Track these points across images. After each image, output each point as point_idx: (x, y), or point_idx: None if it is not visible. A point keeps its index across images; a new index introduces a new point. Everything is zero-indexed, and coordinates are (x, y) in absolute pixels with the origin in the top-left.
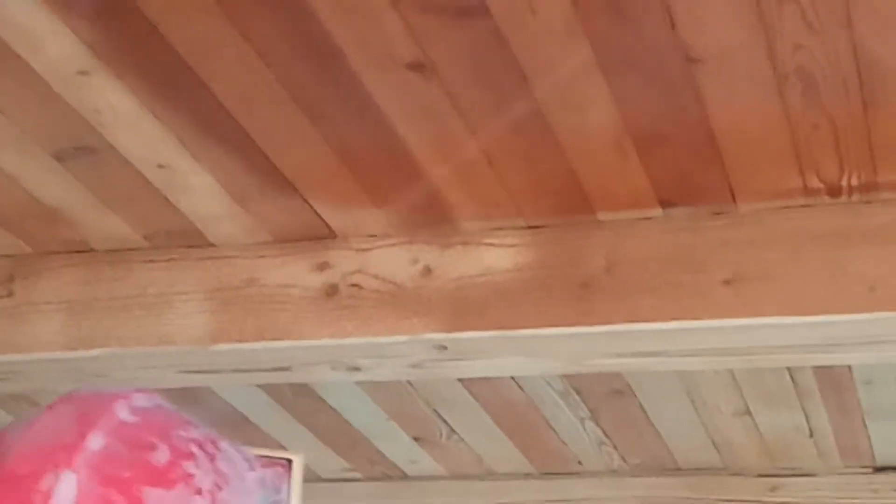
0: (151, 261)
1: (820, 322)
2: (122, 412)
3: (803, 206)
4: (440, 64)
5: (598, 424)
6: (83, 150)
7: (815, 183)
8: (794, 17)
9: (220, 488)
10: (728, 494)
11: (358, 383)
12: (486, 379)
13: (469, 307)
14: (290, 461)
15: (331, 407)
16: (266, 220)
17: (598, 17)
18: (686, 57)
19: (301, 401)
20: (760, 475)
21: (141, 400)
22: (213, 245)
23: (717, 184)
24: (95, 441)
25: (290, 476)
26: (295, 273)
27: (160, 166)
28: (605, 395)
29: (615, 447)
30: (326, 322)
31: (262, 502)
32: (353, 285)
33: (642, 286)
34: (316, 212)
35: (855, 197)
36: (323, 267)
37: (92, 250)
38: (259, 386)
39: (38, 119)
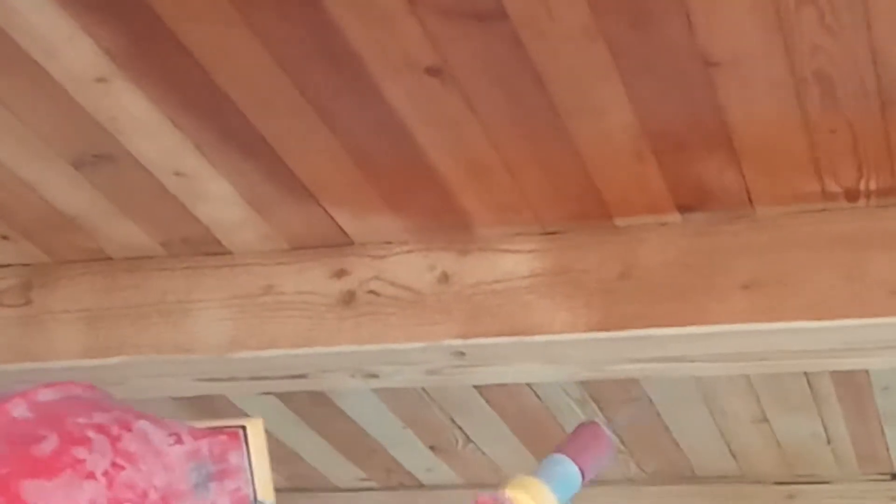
0: (169, 269)
1: (838, 326)
2: (17, 410)
3: (821, 210)
4: (458, 69)
5: (614, 432)
6: (101, 157)
7: (833, 187)
8: (812, 20)
9: (121, 468)
10: (745, 502)
11: (374, 391)
12: (503, 386)
13: (486, 313)
14: (243, 428)
15: (346, 415)
16: (283, 228)
17: (616, 21)
18: (704, 61)
19: (316, 409)
20: (778, 483)
21: (48, 394)
22: (230, 253)
23: (734, 188)
24: None
25: (243, 443)
26: (312, 280)
27: (178, 174)
28: (622, 402)
29: (631, 455)
30: (344, 329)
31: (194, 473)
32: (371, 292)
33: (660, 292)
34: (333, 219)
35: (873, 201)
36: (340, 274)
37: (109, 258)
38: (274, 394)
39: (56, 127)
